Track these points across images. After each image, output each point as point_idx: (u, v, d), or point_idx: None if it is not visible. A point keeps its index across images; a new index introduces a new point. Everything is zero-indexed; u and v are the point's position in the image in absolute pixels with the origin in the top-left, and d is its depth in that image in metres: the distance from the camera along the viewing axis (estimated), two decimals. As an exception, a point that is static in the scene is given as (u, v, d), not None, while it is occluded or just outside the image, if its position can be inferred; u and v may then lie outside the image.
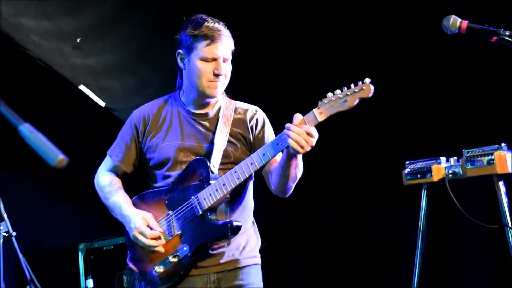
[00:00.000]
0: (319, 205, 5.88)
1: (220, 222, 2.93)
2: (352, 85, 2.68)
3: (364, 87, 2.66)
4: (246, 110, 3.16)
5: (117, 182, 3.24)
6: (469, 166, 3.87)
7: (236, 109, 3.14)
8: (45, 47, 4.99)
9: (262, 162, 2.86)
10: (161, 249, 3.02)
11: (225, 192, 2.90)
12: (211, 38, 2.96)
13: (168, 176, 3.09)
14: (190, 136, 3.08)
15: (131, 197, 3.20)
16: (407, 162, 4.17)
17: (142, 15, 5.56)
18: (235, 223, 2.89)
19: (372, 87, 2.65)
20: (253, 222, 3.20)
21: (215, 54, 2.97)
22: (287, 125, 2.75)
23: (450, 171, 3.97)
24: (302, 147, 2.71)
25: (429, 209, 4.18)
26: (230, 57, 3.03)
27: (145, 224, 3.02)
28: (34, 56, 4.95)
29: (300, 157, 2.88)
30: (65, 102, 5.39)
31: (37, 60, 4.97)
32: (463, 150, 3.92)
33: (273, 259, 5.92)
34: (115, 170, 3.25)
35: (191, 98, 3.12)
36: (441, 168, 4.04)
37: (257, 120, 3.14)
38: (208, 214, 2.94)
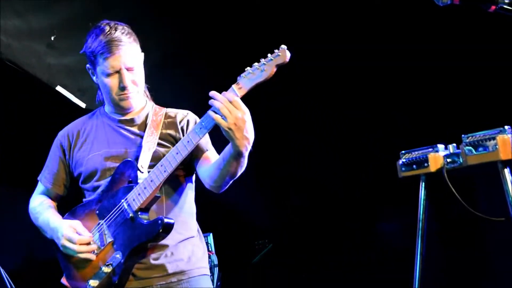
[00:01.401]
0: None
1: (150, 220, 2.78)
2: (268, 54, 2.59)
3: (280, 53, 2.56)
4: (177, 113, 3.07)
5: (48, 202, 3.13)
6: (470, 153, 3.40)
7: (166, 113, 3.06)
8: (14, 47, 4.71)
9: (186, 149, 2.73)
10: (93, 259, 2.87)
11: (154, 188, 2.77)
12: (108, 51, 2.85)
13: (97, 187, 2.97)
14: (117, 143, 2.98)
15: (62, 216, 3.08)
16: (402, 152, 3.71)
17: (121, 10, 5.22)
18: (166, 220, 2.74)
19: (288, 52, 2.56)
20: (198, 231, 3.05)
21: (115, 66, 2.87)
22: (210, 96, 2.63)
23: (448, 160, 3.50)
24: (226, 117, 2.56)
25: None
26: (135, 63, 2.92)
27: (72, 231, 2.88)
28: (3, 57, 4.68)
29: (246, 154, 2.69)
30: (42, 105, 5.11)
31: (6, 61, 4.68)
32: (462, 136, 3.46)
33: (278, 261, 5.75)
34: (47, 194, 3.16)
35: (113, 109, 3.05)
36: (439, 156, 3.57)
37: (188, 121, 3.03)
38: (139, 214, 2.80)
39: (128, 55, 2.88)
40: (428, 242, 3.72)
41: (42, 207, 3.10)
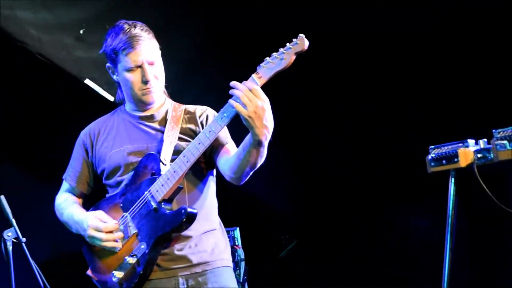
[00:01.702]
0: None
1: (174, 210, 2.83)
2: (287, 43, 2.63)
3: (298, 41, 2.61)
4: (196, 109, 3.14)
5: (72, 198, 3.20)
6: (501, 148, 3.35)
7: (185, 109, 3.12)
8: (44, 40, 4.74)
9: (208, 139, 2.78)
10: (119, 247, 2.93)
11: (177, 179, 2.82)
12: (130, 46, 2.92)
13: (121, 182, 3.04)
14: (138, 139, 3.04)
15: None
16: (431, 147, 3.66)
17: (151, 3, 5.23)
18: (189, 209, 2.79)
19: (306, 40, 2.60)
20: (220, 224, 3.10)
21: (137, 61, 2.94)
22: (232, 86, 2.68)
23: (479, 155, 3.44)
24: (246, 105, 2.59)
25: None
26: (155, 58, 3.00)
27: (98, 220, 2.95)
28: (33, 50, 4.70)
29: (266, 143, 2.72)
30: (70, 98, 5.14)
31: (36, 54, 4.70)
32: (493, 131, 3.41)
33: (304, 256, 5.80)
34: (72, 192, 3.24)
35: (134, 106, 3.11)
36: (469, 151, 3.51)
37: (207, 115, 3.10)
38: (163, 205, 2.85)
39: (149, 49, 2.96)
40: (457, 238, 3.68)
41: (66, 203, 3.17)
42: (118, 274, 2.91)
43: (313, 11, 5.13)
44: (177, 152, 2.91)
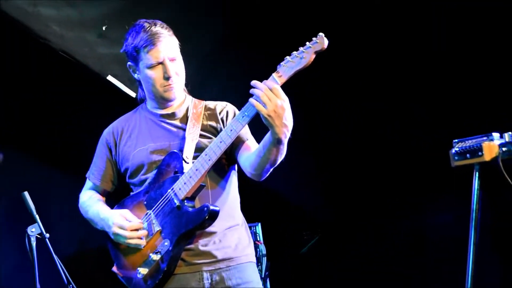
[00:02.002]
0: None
1: (196, 208, 2.88)
2: (307, 42, 2.67)
3: (318, 40, 2.64)
4: (216, 105, 3.17)
5: (97, 196, 3.26)
6: (527, 142, 3.30)
7: (205, 106, 3.16)
8: (67, 37, 4.77)
9: (230, 138, 2.82)
10: (143, 244, 2.98)
11: (199, 177, 2.86)
12: (150, 43, 2.98)
13: (144, 180, 3.08)
14: (160, 137, 3.08)
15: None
16: (455, 141, 3.61)
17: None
18: (211, 207, 2.83)
19: (325, 39, 2.64)
20: (243, 220, 3.14)
21: (159, 58, 2.99)
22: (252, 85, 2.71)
23: (504, 149, 3.40)
24: (266, 104, 2.63)
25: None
26: (176, 55, 3.05)
27: (123, 219, 3.01)
28: (56, 47, 4.73)
29: (286, 141, 2.76)
30: (92, 94, 5.17)
31: (59, 51, 4.73)
32: (518, 123, 3.37)
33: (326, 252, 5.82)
34: (95, 190, 3.30)
35: (155, 103, 3.16)
36: (493, 145, 3.47)
37: (227, 112, 3.14)
38: (186, 202, 2.89)
39: (169, 46, 3.02)
40: (481, 233, 3.64)
41: (91, 201, 3.23)
42: (143, 271, 2.97)
43: (325, 10, 5.13)
44: (199, 149, 2.96)
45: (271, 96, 2.63)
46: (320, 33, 2.66)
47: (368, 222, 5.80)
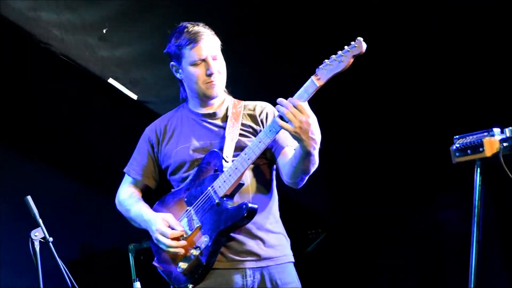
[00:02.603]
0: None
1: (235, 205, 2.99)
2: (346, 46, 2.76)
3: (356, 45, 2.73)
4: (256, 105, 3.26)
5: (137, 194, 3.34)
6: (526, 137, 3.27)
7: (245, 106, 3.25)
8: (68, 40, 4.78)
9: (269, 138, 2.92)
10: (182, 253, 3.07)
11: (238, 176, 2.96)
12: (193, 41, 3.09)
13: (186, 178, 3.19)
14: (201, 136, 3.19)
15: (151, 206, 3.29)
16: (456, 137, 3.58)
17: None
18: (250, 205, 2.94)
19: (364, 43, 2.73)
20: (280, 221, 3.24)
21: (201, 55, 3.11)
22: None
23: (505, 144, 3.37)
24: (291, 121, 2.76)
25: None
26: (218, 53, 3.16)
27: (165, 225, 3.10)
28: (56, 51, 4.75)
29: (315, 152, 2.89)
30: (94, 97, 5.18)
31: (60, 55, 4.74)
32: (520, 118, 3.34)
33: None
34: (135, 185, 3.37)
35: (196, 103, 3.26)
36: (494, 141, 3.43)
37: (266, 113, 3.22)
38: (225, 200, 3.00)
39: (212, 44, 3.14)
40: (484, 229, 3.60)
41: (132, 200, 3.32)
42: (183, 265, 3.08)
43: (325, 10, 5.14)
44: (238, 148, 3.07)
45: (296, 113, 2.75)
46: (359, 37, 2.75)
47: (374, 220, 5.78)
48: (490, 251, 4.87)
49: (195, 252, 3.05)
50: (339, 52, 2.77)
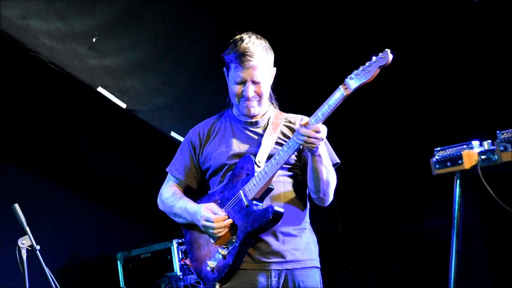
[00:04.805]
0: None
1: (262, 208, 3.10)
2: (373, 57, 2.89)
3: (383, 56, 2.86)
4: (296, 119, 3.36)
5: (180, 192, 3.45)
6: (504, 150, 3.31)
7: (286, 118, 3.37)
8: (57, 49, 4.78)
9: (297, 144, 3.05)
10: (214, 244, 3.23)
11: (267, 180, 3.09)
12: (240, 63, 3.18)
13: (222, 181, 3.33)
14: (242, 142, 3.32)
15: None
16: (436, 149, 3.62)
17: (164, 9, 5.28)
18: (276, 208, 3.05)
19: (390, 55, 2.85)
20: (310, 225, 3.34)
21: (243, 78, 3.21)
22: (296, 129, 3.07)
23: (483, 157, 3.41)
24: (312, 143, 3.00)
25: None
26: (262, 78, 3.24)
27: (209, 211, 3.23)
28: (46, 60, 4.74)
29: (321, 152, 3.09)
30: (83, 106, 5.20)
31: (49, 63, 4.75)
32: (497, 132, 3.37)
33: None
34: (177, 184, 3.48)
35: (239, 111, 3.37)
36: (473, 153, 3.47)
37: None
38: (254, 203, 3.12)
39: (257, 70, 3.22)
40: (471, 240, 3.65)
41: (175, 197, 3.43)
42: (211, 264, 3.22)
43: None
44: (271, 155, 3.18)
45: (318, 137, 3.00)
46: (386, 49, 2.86)
47: (369, 226, 5.87)
48: (476, 259, 4.91)
49: (223, 252, 3.18)
50: (367, 63, 2.89)
